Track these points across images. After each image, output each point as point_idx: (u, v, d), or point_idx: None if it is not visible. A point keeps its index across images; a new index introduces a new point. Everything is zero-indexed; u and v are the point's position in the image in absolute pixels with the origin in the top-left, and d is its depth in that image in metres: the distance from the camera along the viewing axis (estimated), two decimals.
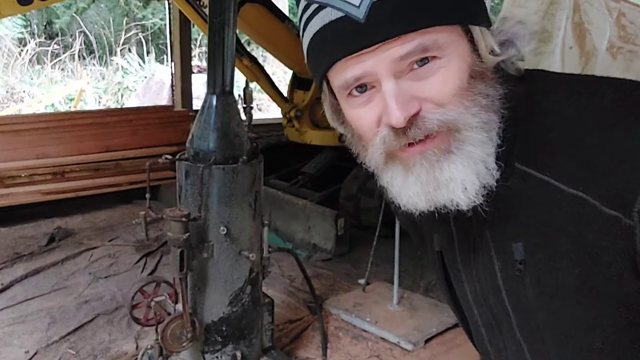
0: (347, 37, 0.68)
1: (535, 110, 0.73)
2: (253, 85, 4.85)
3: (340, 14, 0.67)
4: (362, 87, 0.71)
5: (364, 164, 0.78)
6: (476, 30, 0.70)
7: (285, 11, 8.48)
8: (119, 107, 9.10)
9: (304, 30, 0.74)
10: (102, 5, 12.76)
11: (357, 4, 0.66)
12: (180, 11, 5.07)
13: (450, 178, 0.69)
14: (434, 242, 0.90)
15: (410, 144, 0.70)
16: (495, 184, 0.70)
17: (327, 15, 0.69)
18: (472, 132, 0.69)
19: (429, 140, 0.70)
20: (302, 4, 0.73)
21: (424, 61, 0.68)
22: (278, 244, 3.89)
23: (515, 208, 0.73)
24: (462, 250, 0.83)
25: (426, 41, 0.66)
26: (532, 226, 0.71)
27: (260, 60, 5.00)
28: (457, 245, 0.84)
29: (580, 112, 0.70)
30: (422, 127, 0.68)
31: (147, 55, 11.20)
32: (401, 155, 0.72)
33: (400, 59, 0.67)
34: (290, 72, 5.30)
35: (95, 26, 11.92)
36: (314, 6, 0.71)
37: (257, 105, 9.89)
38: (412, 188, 0.72)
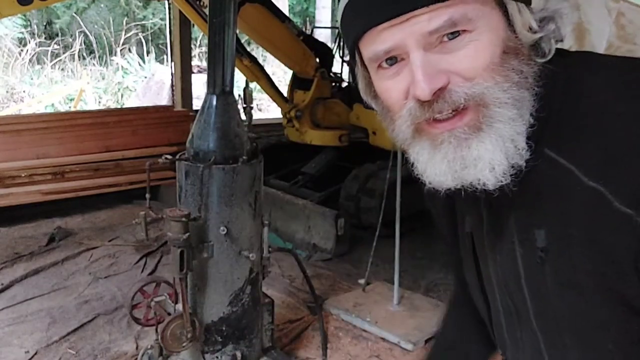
0: (376, 7, 0.68)
1: (571, 93, 0.70)
2: (253, 85, 4.85)
3: None
4: (392, 60, 0.70)
5: (393, 137, 0.77)
6: (512, 5, 0.69)
7: (285, 11, 8.49)
8: (119, 107, 9.10)
9: (339, 0, 0.75)
10: (102, 5, 12.78)
11: None
12: (180, 11, 5.07)
13: (478, 157, 0.68)
14: (465, 224, 0.89)
15: (438, 120, 0.69)
16: (524, 164, 0.68)
17: None
18: (501, 108, 0.67)
19: (458, 118, 0.68)
20: None
21: (454, 34, 0.67)
22: (278, 244, 3.89)
23: (540, 194, 0.71)
24: (489, 234, 0.82)
25: (455, 15, 0.65)
26: (555, 215, 0.70)
27: (260, 60, 5.00)
28: (486, 228, 0.83)
29: (615, 101, 0.67)
30: (449, 101, 0.67)
31: (147, 55, 11.20)
32: (429, 130, 0.71)
33: (430, 34, 0.66)
34: (290, 72, 5.30)
35: (95, 26, 11.94)
36: None
37: (257, 105, 9.88)
38: (438, 166, 0.71)
